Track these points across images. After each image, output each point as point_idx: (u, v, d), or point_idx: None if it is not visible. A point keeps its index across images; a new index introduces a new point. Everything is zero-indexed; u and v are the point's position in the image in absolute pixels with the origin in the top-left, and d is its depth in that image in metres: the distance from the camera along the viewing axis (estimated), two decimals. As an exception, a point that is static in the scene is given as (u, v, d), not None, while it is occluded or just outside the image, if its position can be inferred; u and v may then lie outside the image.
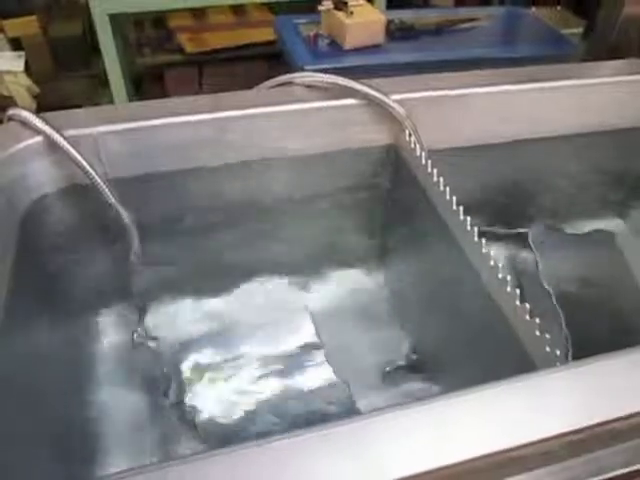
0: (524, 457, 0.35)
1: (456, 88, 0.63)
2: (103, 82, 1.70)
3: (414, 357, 0.66)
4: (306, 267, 0.73)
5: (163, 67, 1.86)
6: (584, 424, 0.34)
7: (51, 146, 0.52)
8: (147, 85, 1.91)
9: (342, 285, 0.74)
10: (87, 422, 0.60)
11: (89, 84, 1.89)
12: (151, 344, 0.65)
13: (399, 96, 0.60)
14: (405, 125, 0.60)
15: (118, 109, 0.59)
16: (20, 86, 1.65)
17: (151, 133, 0.55)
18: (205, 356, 0.66)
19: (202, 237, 0.65)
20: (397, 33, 1.26)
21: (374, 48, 1.22)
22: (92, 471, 0.56)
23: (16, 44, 1.72)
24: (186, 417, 0.61)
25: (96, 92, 1.86)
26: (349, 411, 0.61)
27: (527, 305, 0.43)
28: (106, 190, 0.53)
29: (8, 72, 1.64)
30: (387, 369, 0.66)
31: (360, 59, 1.18)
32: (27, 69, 1.66)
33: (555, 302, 0.57)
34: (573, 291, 0.66)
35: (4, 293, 0.44)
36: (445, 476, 0.33)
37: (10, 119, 0.53)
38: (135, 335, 0.63)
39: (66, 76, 1.86)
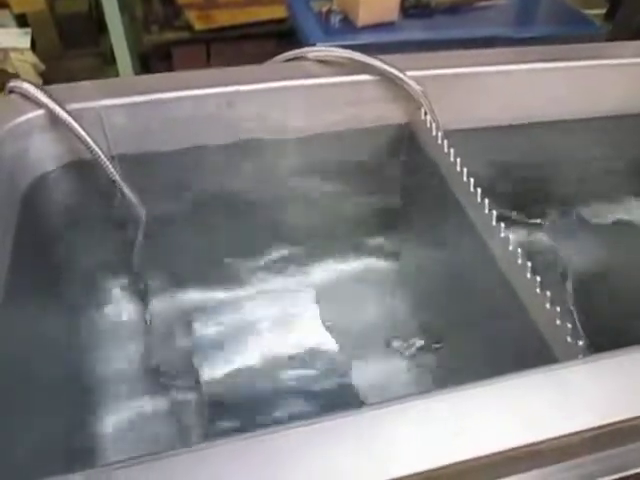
0: (539, 452, 0.33)
1: (475, 66, 0.60)
2: (109, 60, 1.68)
3: (426, 342, 0.65)
4: (318, 249, 0.71)
5: (170, 45, 1.83)
6: (605, 422, 0.33)
7: (53, 120, 0.50)
8: (154, 63, 1.88)
9: (354, 268, 0.72)
10: (88, 396, 0.59)
11: (95, 62, 1.87)
12: (154, 320, 0.64)
13: (415, 73, 0.58)
14: (421, 103, 0.58)
15: (124, 82, 0.56)
16: (26, 63, 1.63)
17: (158, 107, 0.53)
18: (210, 330, 0.65)
19: (209, 216, 0.63)
20: (412, 10, 1.23)
21: (388, 25, 1.18)
22: (94, 449, 0.56)
23: (22, 20, 1.69)
24: (192, 385, 0.60)
25: (102, 70, 1.84)
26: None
27: (548, 293, 0.41)
28: (110, 167, 0.52)
29: (14, 49, 1.61)
30: (401, 351, 0.64)
31: (373, 36, 1.15)
32: (33, 46, 1.64)
33: (573, 291, 0.55)
34: (592, 280, 0.63)
35: (4, 271, 0.43)
36: (456, 472, 0.31)
37: (11, 91, 0.51)
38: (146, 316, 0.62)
39: (72, 54, 1.84)
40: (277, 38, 1.79)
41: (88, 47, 1.86)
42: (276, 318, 0.66)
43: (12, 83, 0.51)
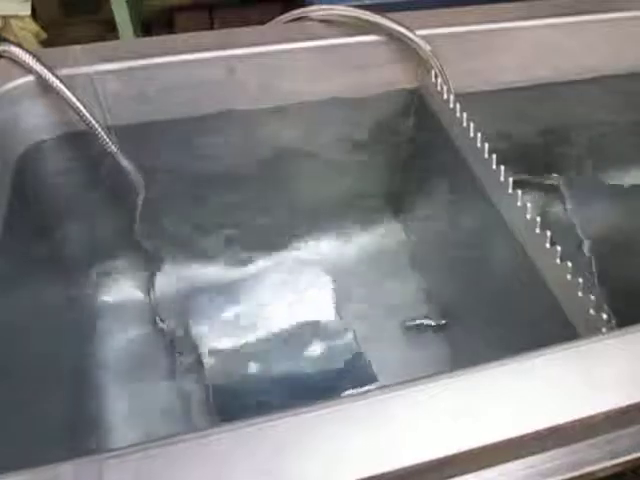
0: (564, 431, 0.31)
1: (489, 23, 0.57)
2: (111, 28, 1.64)
3: (439, 320, 0.63)
4: (323, 221, 0.69)
5: (173, 11, 1.79)
6: (633, 400, 0.31)
7: (44, 87, 0.47)
8: (156, 31, 1.84)
9: (361, 241, 0.70)
10: (86, 375, 0.58)
11: (97, 30, 1.82)
12: (154, 301, 0.63)
13: (424, 32, 0.55)
14: (431, 65, 0.54)
15: (119, 46, 0.53)
16: (27, 31, 1.59)
17: (155, 73, 0.51)
18: (214, 312, 0.63)
19: (211, 190, 0.61)
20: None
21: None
22: (91, 430, 0.55)
23: (20, -13, 1.65)
24: (195, 366, 0.59)
25: (105, 38, 1.79)
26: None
27: (569, 263, 0.39)
28: (105, 138, 0.49)
29: (15, 16, 1.57)
30: (407, 324, 0.63)
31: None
32: (34, 14, 1.60)
33: (594, 261, 0.52)
34: (615, 249, 0.61)
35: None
36: (478, 454, 0.29)
37: (0, 56, 0.48)
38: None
39: (73, 21, 1.80)
40: (282, 3, 1.74)
41: (89, 14, 1.82)
42: (285, 293, 0.65)
43: (1, 47, 0.48)
